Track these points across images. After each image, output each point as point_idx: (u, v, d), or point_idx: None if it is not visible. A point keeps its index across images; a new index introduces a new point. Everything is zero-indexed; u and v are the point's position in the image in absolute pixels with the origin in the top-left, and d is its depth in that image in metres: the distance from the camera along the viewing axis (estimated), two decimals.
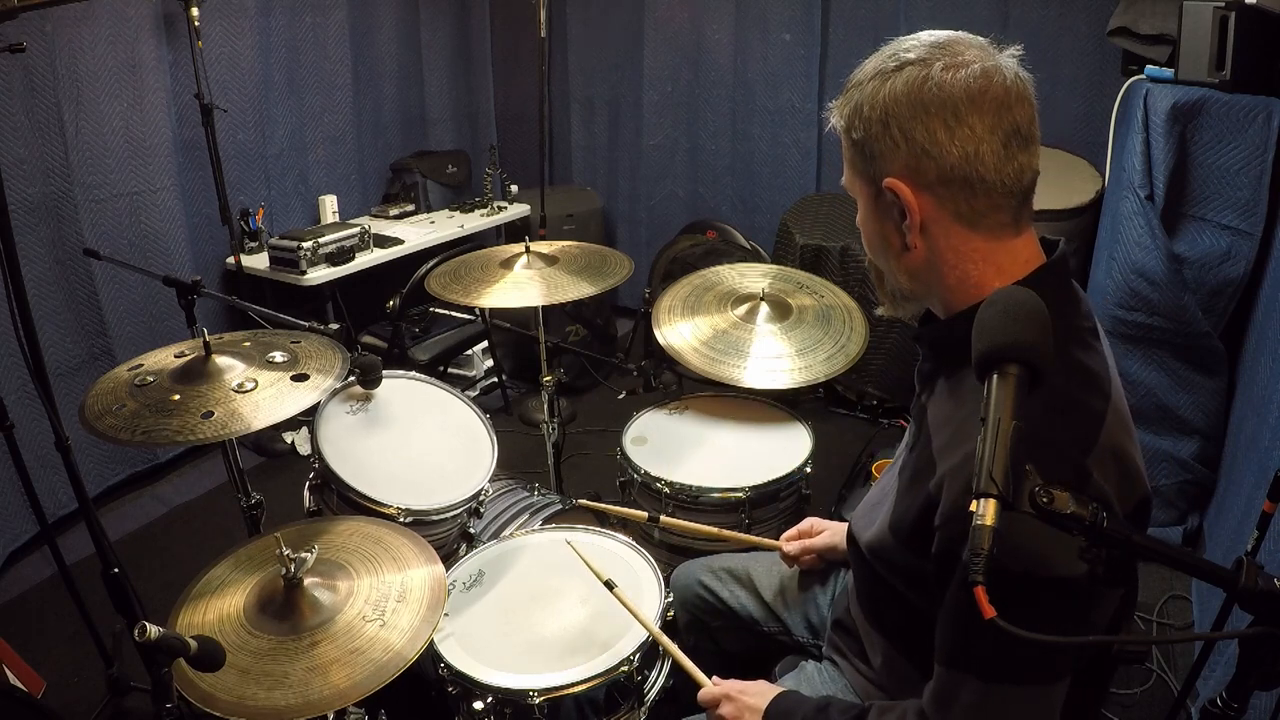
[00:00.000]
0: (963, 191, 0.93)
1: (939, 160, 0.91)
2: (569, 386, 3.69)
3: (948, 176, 0.92)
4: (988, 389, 0.77)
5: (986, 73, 0.90)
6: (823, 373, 1.94)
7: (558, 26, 4.26)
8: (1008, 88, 0.91)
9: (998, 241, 0.96)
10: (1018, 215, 0.95)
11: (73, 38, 2.62)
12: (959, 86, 0.90)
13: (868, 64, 0.97)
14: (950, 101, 0.90)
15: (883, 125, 0.93)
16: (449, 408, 1.94)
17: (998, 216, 0.94)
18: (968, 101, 0.90)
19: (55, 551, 1.93)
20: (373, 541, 1.40)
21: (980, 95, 0.90)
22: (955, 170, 0.91)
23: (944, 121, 0.90)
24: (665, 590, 1.47)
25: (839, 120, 0.99)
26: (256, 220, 3.33)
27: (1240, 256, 2.14)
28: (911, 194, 0.94)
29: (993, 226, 0.95)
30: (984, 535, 0.70)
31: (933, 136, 0.91)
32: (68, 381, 2.69)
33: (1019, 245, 0.97)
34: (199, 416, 1.41)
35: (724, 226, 4.00)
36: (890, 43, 0.97)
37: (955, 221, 0.95)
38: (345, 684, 1.13)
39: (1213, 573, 0.71)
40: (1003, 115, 0.90)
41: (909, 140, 0.92)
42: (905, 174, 0.94)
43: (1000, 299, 0.83)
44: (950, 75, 0.90)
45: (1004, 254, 0.96)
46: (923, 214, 0.95)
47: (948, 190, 0.93)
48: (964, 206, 0.94)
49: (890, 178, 0.94)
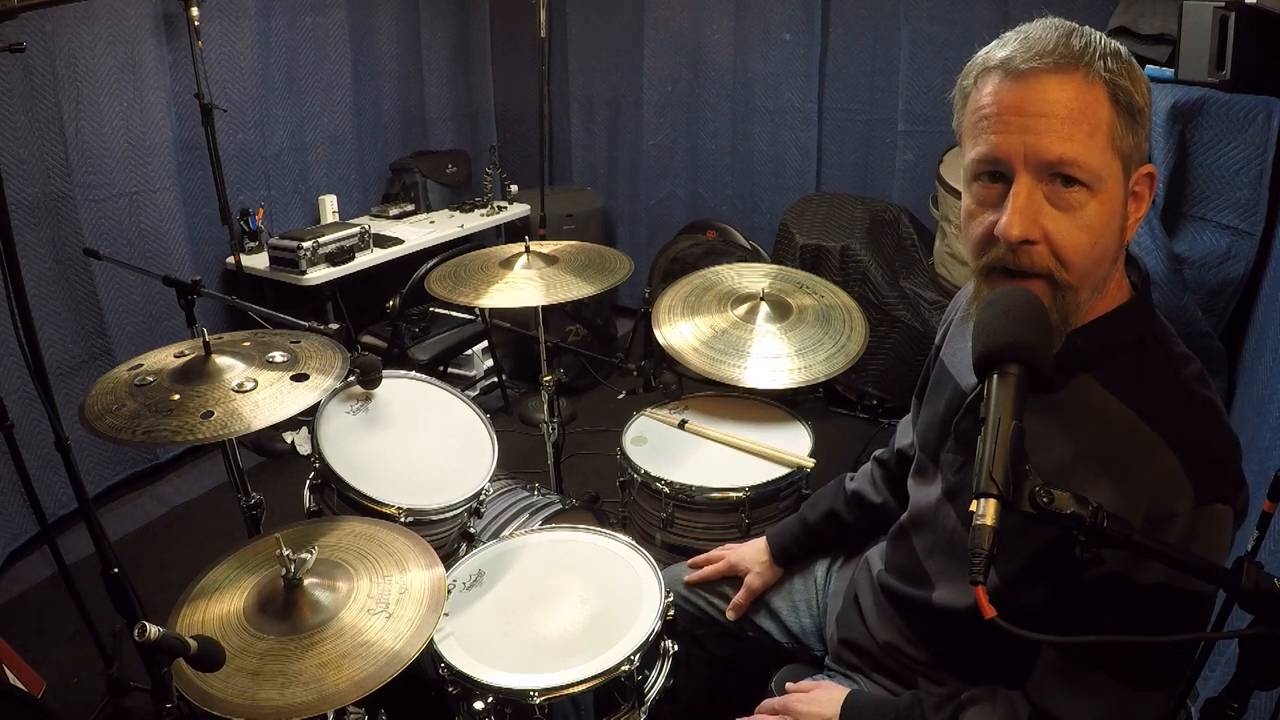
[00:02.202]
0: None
1: (1145, 149, 0.91)
2: (569, 386, 3.69)
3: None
4: (988, 389, 0.78)
5: None
6: (823, 373, 1.94)
7: (558, 26, 4.26)
8: None
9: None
10: None
11: (73, 38, 2.62)
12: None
13: (1092, 33, 0.89)
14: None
15: (1149, 102, 0.89)
16: (449, 408, 1.94)
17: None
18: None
19: (55, 551, 1.93)
20: (373, 541, 1.40)
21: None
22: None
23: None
24: (665, 590, 1.47)
25: (1120, 80, 0.87)
26: (256, 220, 3.33)
27: (1240, 256, 2.14)
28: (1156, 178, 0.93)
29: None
30: (984, 535, 0.70)
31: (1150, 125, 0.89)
32: (68, 381, 2.69)
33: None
34: (199, 416, 1.40)
35: (724, 226, 4.00)
36: (1050, 19, 0.91)
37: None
38: (345, 684, 1.13)
39: (1213, 573, 0.71)
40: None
41: (1148, 124, 0.90)
42: (1147, 156, 0.92)
43: (1000, 299, 0.83)
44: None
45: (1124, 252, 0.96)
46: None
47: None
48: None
49: (1148, 164, 0.91)
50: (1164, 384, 0.93)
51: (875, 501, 1.45)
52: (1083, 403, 0.94)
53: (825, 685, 1.21)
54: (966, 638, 1.09)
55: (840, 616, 1.36)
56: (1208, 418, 0.91)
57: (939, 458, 1.15)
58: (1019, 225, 0.87)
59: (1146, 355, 0.95)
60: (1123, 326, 0.95)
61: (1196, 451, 0.88)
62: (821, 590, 1.48)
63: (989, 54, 0.91)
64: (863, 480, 1.49)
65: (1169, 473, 0.87)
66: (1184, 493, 0.86)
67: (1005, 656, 1.04)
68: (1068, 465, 0.93)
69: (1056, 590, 0.95)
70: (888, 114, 3.56)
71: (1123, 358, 0.95)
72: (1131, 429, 0.91)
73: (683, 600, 1.52)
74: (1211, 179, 2.14)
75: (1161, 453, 0.88)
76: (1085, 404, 0.94)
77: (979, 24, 3.17)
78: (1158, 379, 0.93)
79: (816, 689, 1.19)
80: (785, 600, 1.48)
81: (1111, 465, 0.90)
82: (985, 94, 0.90)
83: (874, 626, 1.26)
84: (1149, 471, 0.88)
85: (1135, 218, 0.92)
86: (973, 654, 1.11)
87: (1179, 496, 0.86)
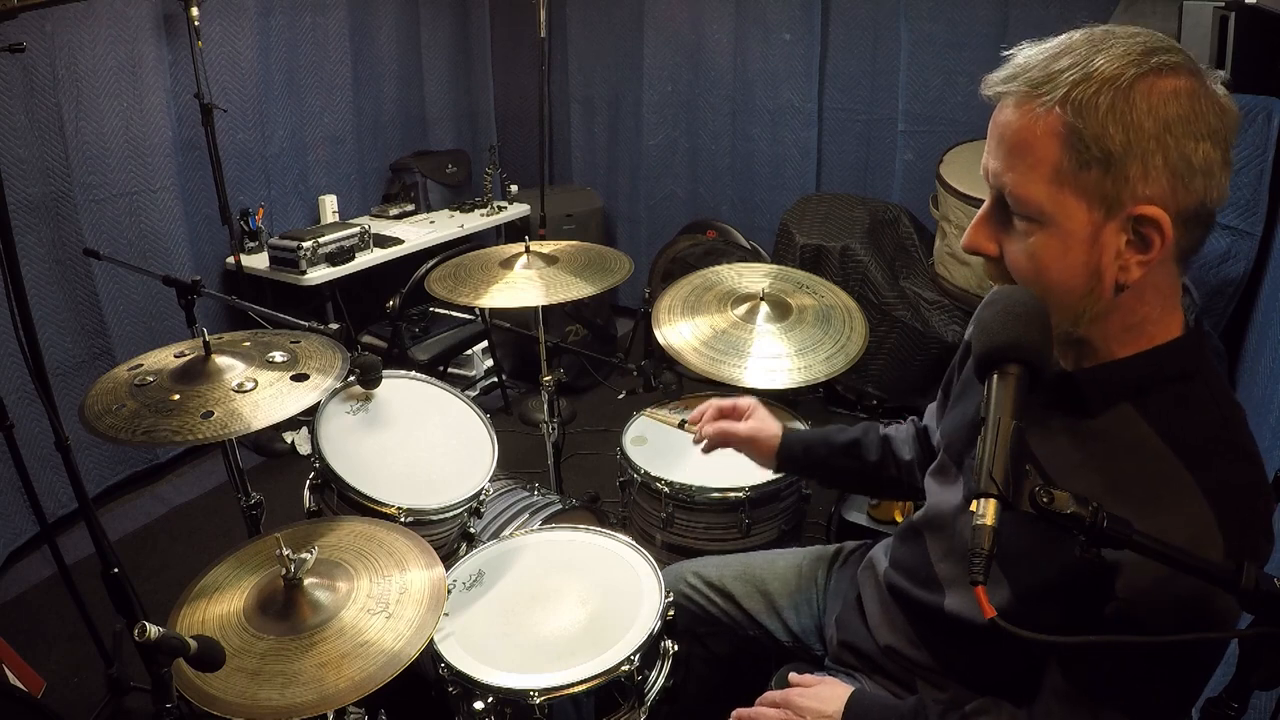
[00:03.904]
0: (1202, 225, 0.82)
1: (1203, 191, 0.79)
2: (569, 386, 3.69)
3: (1203, 210, 0.81)
4: (988, 389, 0.78)
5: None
6: (823, 373, 1.94)
7: (558, 26, 4.26)
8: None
9: (1179, 278, 0.88)
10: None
11: (73, 38, 2.62)
12: (1229, 103, 0.79)
13: (1100, 53, 0.80)
14: (1230, 121, 0.79)
15: (1157, 140, 0.78)
16: (449, 408, 1.94)
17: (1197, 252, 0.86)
18: (1235, 124, 0.80)
19: (55, 551, 1.93)
20: (373, 541, 1.40)
21: (1235, 116, 0.80)
22: (1214, 202, 0.80)
23: (1221, 145, 0.79)
24: (665, 591, 1.47)
25: (1071, 117, 0.79)
26: (256, 220, 3.33)
27: (1240, 256, 2.14)
28: (1169, 226, 0.79)
29: (1190, 262, 0.87)
30: (984, 535, 0.70)
31: (1208, 162, 0.78)
32: (68, 381, 2.69)
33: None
34: (199, 416, 1.40)
35: (724, 226, 4.00)
36: (1098, 29, 0.83)
37: (1174, 258, 0.85)
38: (345, 684, 1.12)
39: (1213, 573, 0.71)
40: (1232, 141, 0.81)
41: (1184, 162, 0.78)
42: (1164, 201, 0.79)
43: (1000, 299, 0.83)
44: (1218, 88, 0.79)
45: (1176, 291, 0.89)
46: (1164, 248, 0.81)
47: (1195, 222, 0.82)
48: (1194, 241, 0.83)
49: (1148, 204, 0.79)
50: (1206, 427, 0.89)
51: (905, 458, 1.40)
52: (1121, 433, 0.91)
53: (829, 681, 1.20)
54: (975, 647, 1.08)
55: (840, 618, 1.36)
56: (1247, 470, 0.87)
57: (963, 463, 1.13)
58: (968, 236, 0.92)
59: (1193, 394, 0.90)
60: (1170, 361, 0.90)
61: (1232, 505, 0.84)
62: (821, 590, 1.48)
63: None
64: (899, 433, 1.44)
65: (1201, 522, 0.83)
66: (1215, 544, 0.83)
67: (1013, 671, 1.03)
68: (1097, 495, 0.89)
69: (1069, 617, 0.91)
70: (888, 114, 3.56)
71: (1167, 391, 0.90)
72: (1168, 467, 0.87)
73: (683, 600, 1.52)
74: None
75: (1196, 500, 0.84)
76: (1123, 435, 0.91)
77: (979, 24, 3.16)
78: (1201, 420, 0.89)
79: (820, 684, 1.18)
80: (785, 599, 1.48)
81: (1143, 502, 0.85)
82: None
83: (876, 628, 1.26)
84: (1181, 517, 0.84)
85: (1137, 260, 0.83)
86: (979, 664, 1.10)
87: (1209, 547, 0.83)
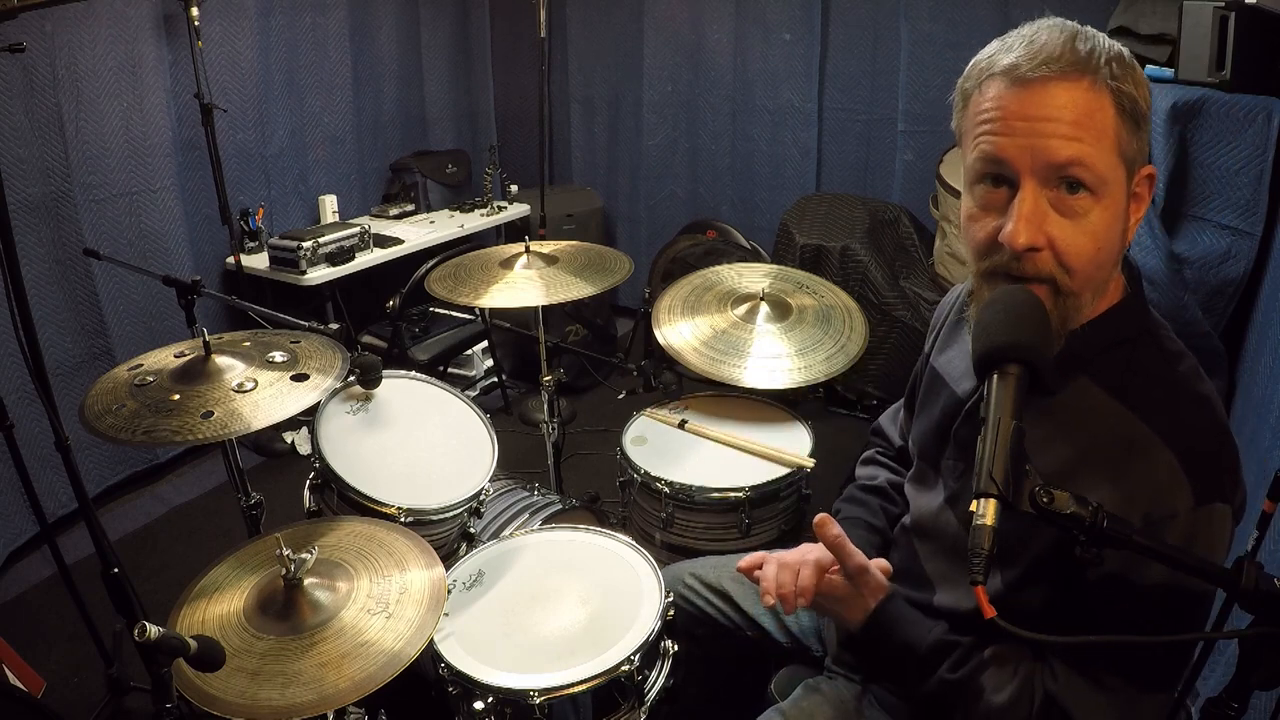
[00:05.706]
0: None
1: (1147, 151, 0.91)
2: (569, 386, 3.69)
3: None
4: (988, 389, 0.78)
5: None
6: (823, 373, 1.94)
7: (558, 26, 4.26)
8: None
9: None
10: None
11: (73, 38, 2.62)
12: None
13: (1095, 35, 0.88)
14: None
15: (1148, 102, 0.88)
16: (449, 408, 1.94)
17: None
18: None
19: (55, 551, 1.93)
20: (373, 541, 1.40)
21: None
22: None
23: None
24: (665, 590, 1.47)
25: (1125, 86, 0.86)
26: (256, 220, 3.33)
27: (1240, 256, 2.13)
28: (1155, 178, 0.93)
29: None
30: (984, 535, 0.70)
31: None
32: (68, 381, 2.69)
33: None
34: (199, 416, 1.40)
35: (724, 226, 4.00)
36: (1053, 18, 0.91)
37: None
38: (345, 684, 1.12)
39: (1213, 573, 0.71)
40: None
41: (1149, 127, 0.90)
42: (1148, 155, 0.91)
43: (1001, 299, 0.84)
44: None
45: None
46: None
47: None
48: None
49: (1149, 165, 0.92)
50: (1158, 380, 0.93)
51: (894, 458, 1.46)
52: (1081, 404, 0.94)
53: (848, 587, 1.10)
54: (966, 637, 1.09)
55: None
56: (1202, 413, 0.91)
57: (939, 465, 1.15)
58: (1025, 234, 0.86)
59: (1139, 352, 0.95)
60: (1118, 326, 0.96)
61: (1193, 449, 0.88)
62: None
63: (993, 58, 0.90)
64: (873, 469, 1.47)
65: (1167, 472, 0.87)
66: (1183, 492, 0.86)
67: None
68: (1069, 468, 0.92)
69: (1055, 591, 0.94)
70: (888, 114, 3.56)
71: (1116, 355, 0.95)
72: (1128, 427, 0.91)
73: (681, 601, 1.52)
74: (1211, 179, 2.14)
75: (1158, 451, 0.88)
76: (1083, 405, 0.94)
77: (979, 24, 3.16)
78: (1151, 375, 0.93)
79: (845, 590, 1.10)
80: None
81: (1111, 466, 0.90)
82: (989, 98, 0.89)
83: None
84: (1147, 471, 0.88)
85: (1135, 219, 0.92)
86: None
87: (1178, 496, 0.86)
